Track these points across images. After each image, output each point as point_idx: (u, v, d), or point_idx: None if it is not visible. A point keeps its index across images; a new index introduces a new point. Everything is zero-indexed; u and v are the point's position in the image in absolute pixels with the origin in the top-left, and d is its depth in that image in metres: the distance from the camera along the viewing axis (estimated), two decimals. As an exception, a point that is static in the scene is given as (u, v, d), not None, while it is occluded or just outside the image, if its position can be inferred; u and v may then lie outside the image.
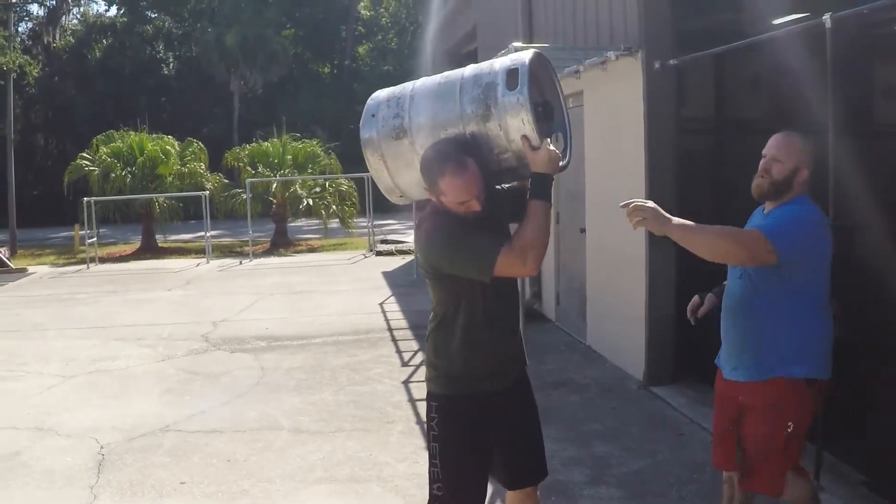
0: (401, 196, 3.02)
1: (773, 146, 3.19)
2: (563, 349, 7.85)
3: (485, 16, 12.29)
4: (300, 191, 19.84)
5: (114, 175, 19.20)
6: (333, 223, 20.39)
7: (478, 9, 12.67)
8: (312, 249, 19.63)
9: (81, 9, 40.38)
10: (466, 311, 2.88)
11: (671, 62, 6.00)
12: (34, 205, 29.66)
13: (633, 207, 2.92)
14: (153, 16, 39.43)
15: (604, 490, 4.54)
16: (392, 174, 2.92)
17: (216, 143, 26.97)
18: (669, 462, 4.89)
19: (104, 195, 18.82)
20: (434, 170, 2.73)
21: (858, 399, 4.64)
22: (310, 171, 20.61)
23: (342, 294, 12.17)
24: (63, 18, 37.51)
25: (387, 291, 12.17)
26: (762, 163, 3.19)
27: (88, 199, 17.76)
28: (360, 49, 40.90)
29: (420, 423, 5.74)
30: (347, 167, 22.05)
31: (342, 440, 5.50)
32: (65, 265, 17.81)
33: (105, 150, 19.88)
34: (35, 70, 25.99)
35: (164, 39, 38.74)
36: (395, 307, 10.78)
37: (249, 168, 20.09)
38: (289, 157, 20.78)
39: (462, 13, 14.12)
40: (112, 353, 8.42)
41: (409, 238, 18.52)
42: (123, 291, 13.23)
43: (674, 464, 4.85)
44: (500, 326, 2.96)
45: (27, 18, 36.16)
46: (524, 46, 7.00)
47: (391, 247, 18.12)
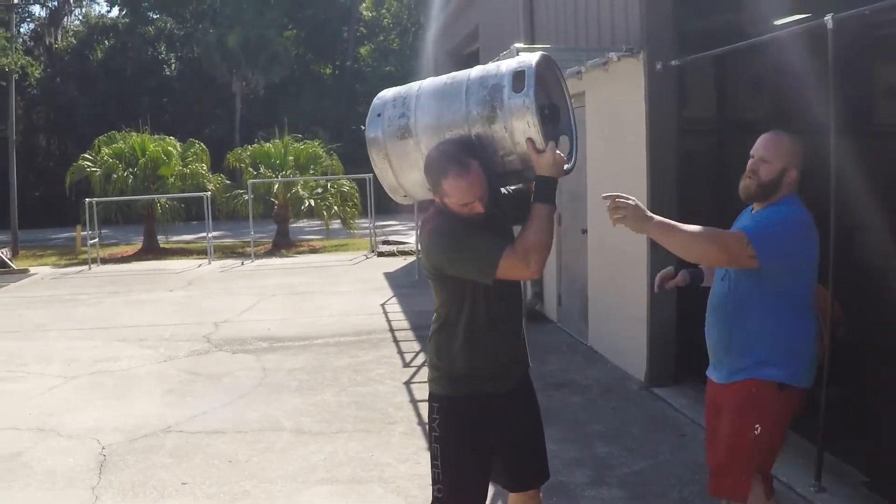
0: (405, 196, 3.01)
1: (761, 146, 3.14)
2: (565, 350, 7.85)
3: (486, 16, 12.29)
4: (302, 192, 19.84)
5: (115, 176, 19.22)
6: (335, 224, 20.41)
7: (479, 9, 12.67)
8: (314, 250, 19.63)
9: (83, 10, 40.47)
10: (469, 313, 2.87)
11: (673, 63, 6.00)
12: (36, 206, 29.70)
13: (615, 205, 2.85)
14: (155, 17, 39.50)
15: (605, 491, 4.54)
16: (396, 174, 2.91)
17: (218, 144, 26.99)
18: (671, 463, 4.89)
19: (106, 196, 18.84)
20: (438, 171, 2.72)
21: (859, 399, 4.65)
22: (311, 172, 20.63)
23: (344, 295, 12.17)
24: (65, 19, 37.59)
25: (388, 292, 12.17)
26: (750, 163, 3.14)
27: (90, 200, 17.78)
28: (362, 50, 40.91)
29: (421, 424, 5.74)
30: (349, 168, 22.08)
31: (344, 441, 5.50)
32: (66, 266, 17.82)
33: (107, 151, 19.90)
34: (37, 71, 26.06)
35: (166, 40, 38.80)
36: (397, 308, 10.78)
37: (251, 169, 20.10)
38: (290, 158, 20.79)
39: (464, 14, 14.13)
40: (114, 354, 8.43)
41: (411, 239, 18.51)
42: (125, 292, 13.24)
43: (675, 464, 4.85)
44: (503, 328, 2.94)
45: (29, 19, 36.30)
46: (526, 47, 7.02)
47: (393, 248, 18.11)
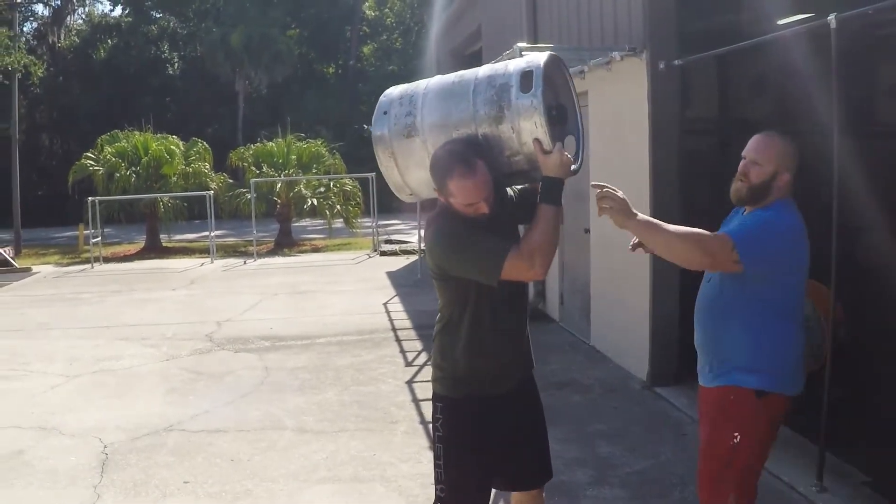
0: (410, 195, 3.00)
1: (752, 148, 3.03)
2: (567, 349, 7.85)
3: (489, 16, 12.28)
4: (304, 191, 19.84)
5: (118, 175, 19.24)
6: (338, 223, 20.41)
7: (482, 9, 12.66)
8: (316, 249, 19.63)
9: (86, 9, 40.45)
10: (472, 314, 2.86)
11: (676, 63, 6.00)
12: (39, 204, 29.70)
13: (603, 194, 2.81)
14: (158, 16, 39.52)
15: (607, 490, 4.54)
16: (402, 172, 2.90)
17: (221, 143, 27.02)
18: (673, 462, 4.89)
19: (109, 195, 18.85)
20: (443, 170, 2.71)
21: (861, 399, 4.64)
22: (314, 171, 20.64)
23: (346, 294, 12.17)
24: (68, 18, 37.63)
25: (391, 291, 12.17)
26: (741, 165, 3.04)
27: (93, 199, 17.80)
28: (365, 49, 40.91)
29: (424, 424, 5.74)
30: (352, 167, 22.10)
31: (346, 440, 5.50)
32: (69, 265, 17.84)
33: (110, 150, 19.93)
34: (40, 70, 26.04)
35: (169, 39, 38.81)
36: (399, 307, 10.78)
37: (254, 168, 20.11)
38: (293, 157, 20.80)
39: (467, 13, 14.12)
40: (116, 353, 8.44)
41: (413, 238, 18.51)
42: (128, 291, 13.25)
43: (677, 464, 4.85)
44: (507, 329, 2.93)
45: (32, 18, 36.29)
46: (529, 47, 7.02)
47: (395, 247, 18.11)
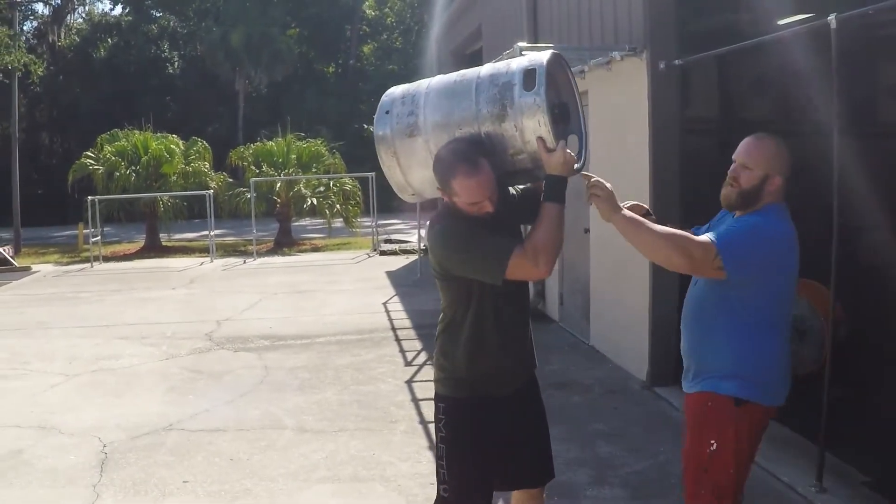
0: (413, 194, 2.98)
1: (743, 151, 2.92)
2: (567, 349, 7.85)
3: (490, 15, 12.28)
4: (304, 190, 19.86)
5: (118, 174, 19.26)
6: (337, 222, 20.43)
7: (482, 8, 12.66)
8: (316, 249, 19.64)
9: (86, 8, 40.52)
10: (475, 314, 2.85)
11: (676, 62, 5.99)
12: (38, 203, 29.70)
13: (594, 182, 2.77)
14: (158, 15, 39.56)
15: (607, 491, 4.54)
16: (405, 172, 2.88)
17: (220, 142, 27.06)
18: (672, 462, 4.87)
19: (108, 194, 18.86)
20: (447, 169, 2.69)
21: (861, 399, 4.64)
22: (314, 171, 20.65)
23: (346, 293, 12.17)
24: (68, 17, 37.64)
25: (390, 291, 12.18)
26: (731, 169, 2.94)
27: (93, 198, 17.80)
28: (365, 48, 40.93)
29: (423, 423, 5.74)
30: (351, 167, 22.11)
31: (345, 440, 5.50)
32: (69, 264, 17.84)
33: (109, 149, 19.94)
34: (40, 69, 26.05)
35: (169, 38, 38.85)
36: (399, 307, 10.78)
37: (254, 167, 20.12)
38: (293, 157, 20.81)
39: (467, 13, 14.12)
40: (115, 352, 8.43)
41: (413, 238, 18.52)
42: (127, 290, 13.25)
43: (676, 464, 4.79)
44: (509, 330, 2.93)
45: (32, 17, 36.35)
46: (529, 46, 7.01)
47: (395, 246, 18.12)
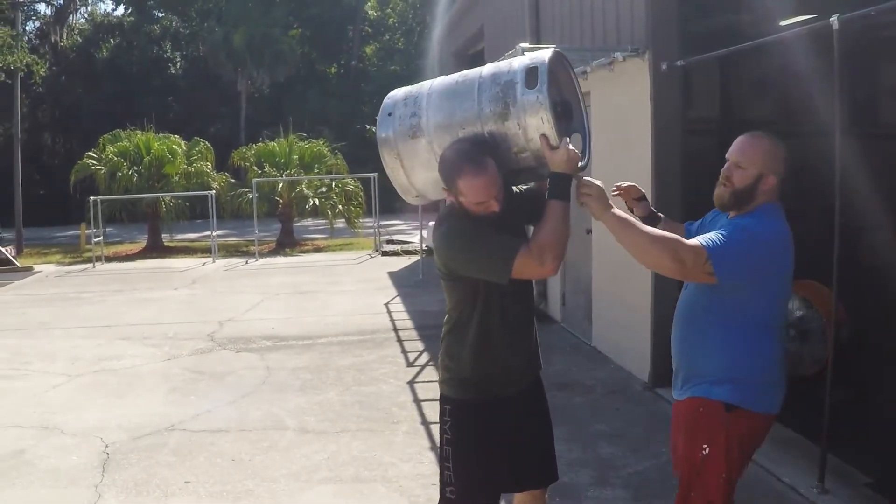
0: (416, 196, 2.98)
1: (736, 150, 2.85)
2: (569, 350, 7.85)
3: (492, 16, 12.28)
4: (306, 191, 19.85)
5: (120, 174, 19.27)
6: (339, 223, 20.42)
7: (485, 9, 12.66)
8: (318, 249, 19.64)
9: (89, 8, 40.60)
10: (481, 315, 2.85)
11: (678, 63, 5.98)
12: (40, 203, 29.71)
13: (584, 182, 2.73)
14: (160, 15, 39.59)
15: (609, 491, 4.53)
16: (408, 173, 2.89)
17: (223, 143, 27.08)
18: (674, 464, 4.87)
19: (111, 194, 18.88)
20: (453, 170, 2.69)
21: (863, 400, 4.64)
22: (316, 171, 20.65)
23: (348, 294, 12.17)
24: (70, 18, 37.73)
25: (392, 292, 12.18)
26: (724, 168, 2.87)
27: (95, 198, 17.81)
28: (367, 49, 40.93)
29: (425, 424, 5.75)
30: (354, 167, 22.12)
31: (347, 440, 5.50)
32: (71, 264, 17.86)
33: (112, 150, 19.95)
34: (42, 69, 26.07)
35: (172, 39, 38.87)
36: (401, 307, 10.78)
37: (256, 168, 20.12)
38: (295, 157, 20.81)
39: (469, 13, 14.12)
40: (117, 353, 8.44)
41: (415, 238, 18.50)
42: (129, 290, 13.26)
43: (679, 466, 4.83)
44: (516, 329, 2.93)
45: (34, 17, 36.36)
46: (531, 47, 7.00)
47: (397, 247, 18.11)
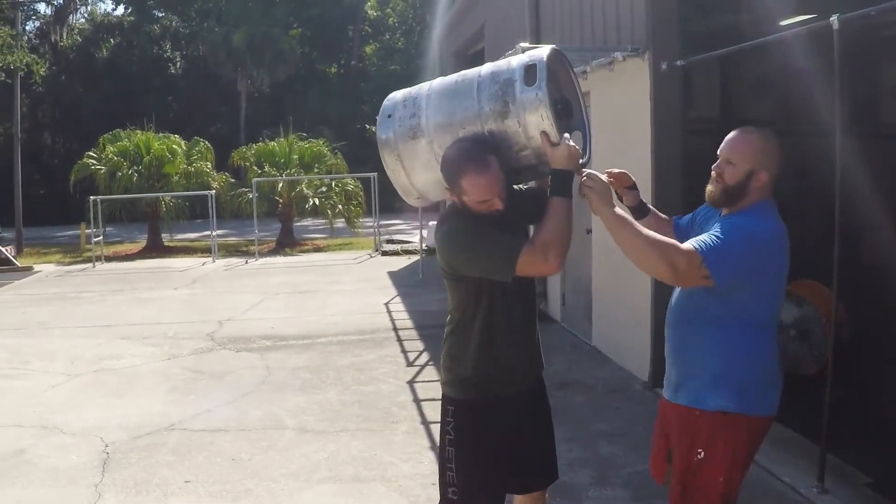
0: (418, 198, 2.97)
1: (727, 146, 2.79)
2: (569, 350, 7.84)
3: (492, 16, 12.28)
4: (306, 190, 19.86)
5: (120, 174, 19.28)
6: (339, 223, 20.42)
7: (485, 9, 12.66)
8: (318, 249, 19.64)
9: (89, 8, 40.61)
10: (484, 315, 2.84)
11: (678, 63, 5.98)
12: (40, 203, 29.75)
13: (589, 174, 2.70)
14: (160, 15, 39.61)
15: (609, 491, 4.53)
16: (409, 174, 2.88)
17: (223, 143, 27.09)
18: (674, 463, 4.87)
19: (110, 194, 18.89)
20: (456, 169, 2.68)
21: (863, 400, 4.64)
22: (316, 171, 20.65)
23: (348, 294, 12.17)
24: (70, 17, 37.73)
25: (392, 291, 12.18)
26: (715, 165, 2.81)
27: (95, 198, 17.81)
28: (367, 49, 40.94)
29: (425, 424, 5.74)
30: (353, 167, 22.13)
31: (347, 440, 5.50)
32: (71, 264, 17.85)
33: (112, 149, 19.96)
34: (42, 69, 26.05)
35: (172, 38, 38.90)
36: (401, 307, 10.78)
37: (256, 167, 20.13)
38: (295, 157, 20.82)
39: (469, 13, 14.12)
40: (117, 352, 8.44)
41: (415, 238, 18.51)
42: (129, 290, 13.26)
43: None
44: (519, 328, 2.93)
45: (34, 17, 36.34)
46: (531, 46, 7.01)
47: (397, 247, 18.12)
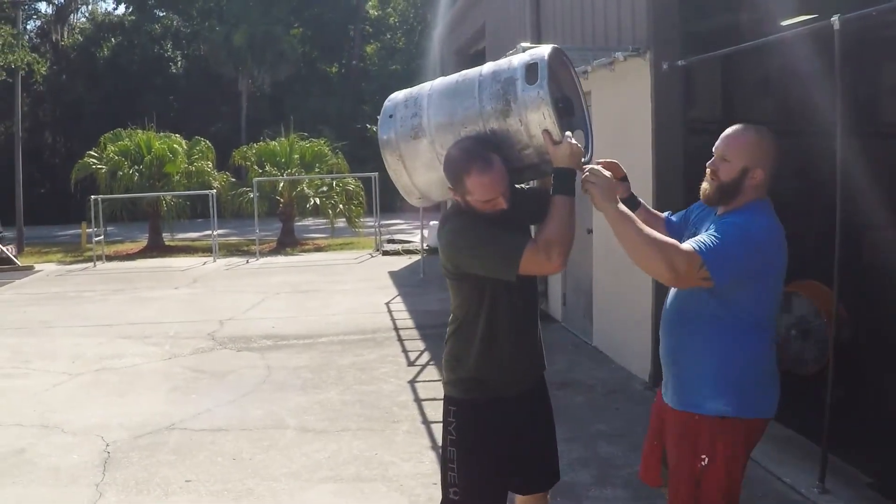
0: (419, 198, 2.97)
1: (721, 143, 2.76)
2: (569, 350, 7.84)
3: (493, 15, 12.29)
4: (307, 190, 19.87)
5: (121, 173, 19.30)
6: (340, 222, 20.43)
7: (486, 8, 12.66)
8: (319, 248, 19.64)
9: (90, 7, 40.62)
10: (487, 315, 2.83)
11: (679, 63, 5.98)
12: (41, 202, 29.78)
13: (592, 170, 2.68)
14: (161, 14, 39.60)
15: (609, 491, 4.53)
16: (411, 174, 2.87)
17: (224, 142, 27.11)
18: (675, 463, 4.87)
19: (111, 193, 18.91)
20: (459, 168, 2.67)
21: (864, 400, 4.64)
22: (317, 171, 20.66)
23: (349, 293, 12.17)
24: (71, 16, 37.75)
25: (393, 291, 12.18)
26: (709, 163, 2.78)
27: (96, 197, 17.83)
28: (368, 48, 40.94)
29: (426, 423, 5.75)
30: (354, 167, 22.15)
31: (348, 439, 5.50)
32: (72, 263, 17.86)
33: (113, 149, 19.98)
34: (43, 68, 26.08)
35: (173, 38, 38.92)
36: (402, 307, 10.79)
37: (257, 167, 20.14)
38: (296, 157, 20.83)
39: (470, 13, 14.12)
40: (118, 351, 8.44)
41: (416, 238, 18.52)
42: (130, 289, 13.26)
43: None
44: (522, 327, 2.93)
45: (35, 16, 36.40)
46: (532, 46, 7.01)
47: (398, 246, 18.13)
